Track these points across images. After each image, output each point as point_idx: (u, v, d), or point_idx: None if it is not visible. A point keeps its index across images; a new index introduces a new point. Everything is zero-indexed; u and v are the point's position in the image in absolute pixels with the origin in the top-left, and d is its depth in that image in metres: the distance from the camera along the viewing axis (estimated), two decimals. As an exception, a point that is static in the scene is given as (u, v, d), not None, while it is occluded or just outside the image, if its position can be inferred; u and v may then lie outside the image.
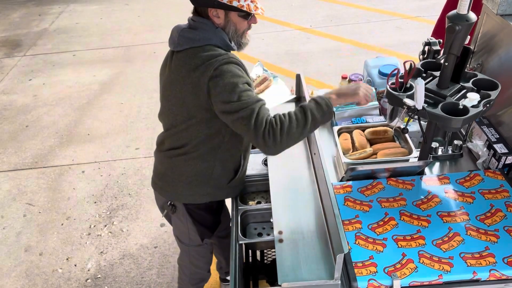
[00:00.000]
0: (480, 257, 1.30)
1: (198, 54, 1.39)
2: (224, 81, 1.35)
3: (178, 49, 1.44)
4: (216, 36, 1.42)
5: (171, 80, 1.48)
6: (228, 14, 1.42)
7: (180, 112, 1.49)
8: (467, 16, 1.30)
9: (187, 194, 1.65)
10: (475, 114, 1.36)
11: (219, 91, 1.35)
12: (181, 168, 1.60)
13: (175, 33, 1.46)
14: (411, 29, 5.19)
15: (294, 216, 1.42)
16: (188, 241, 1.80)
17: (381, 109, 2.03)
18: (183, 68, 1.42)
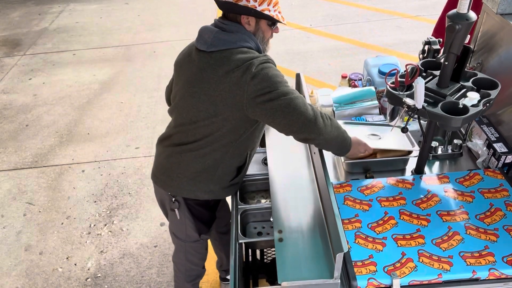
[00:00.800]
0: (480, 256, 1.30)
1: (237, 56, 1.44)
2: (268, 74, 1.41)
3: (212, 50, 1.47)
4: (251, 40, 1.50)
5: (203, 78, 1.48)
6: (259, 22, 1.51)
7: (206, 108, 1.50)
8: (467, 15, 1.30)
9: (189, 189, 1.65)
10: (474, 113, 1.36)
11: (264, 85, 1.40)
12: (188, 164, 1.61)
13: (208, 34, 1.48)
14: (411, 28, 5.19)
15: (294, 215, 1.42)
16: (185, 237, 1.81)
17: (381, 108, 2.03)
18: (220, 68, 1.44)
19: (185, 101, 1.57)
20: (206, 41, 1.48)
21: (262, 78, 1.40)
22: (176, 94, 1.62)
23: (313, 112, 1.43)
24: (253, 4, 1.44)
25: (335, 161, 1.83)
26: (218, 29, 1.48)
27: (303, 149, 1.72)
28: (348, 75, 2.32)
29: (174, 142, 1.63)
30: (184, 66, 1.58)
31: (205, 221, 1.79)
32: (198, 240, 1.82)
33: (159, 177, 1.71)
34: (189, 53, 1.57)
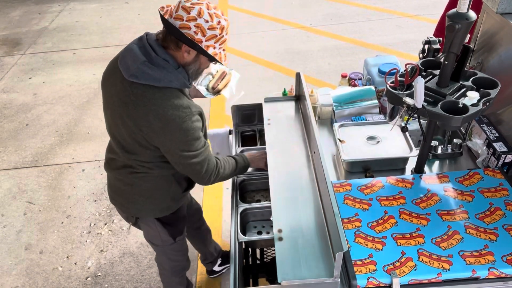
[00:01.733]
0: (479, 255, 1.31)
1: (159, 100, 1.37)
2: (187, 137, 1.42)
3: (132, 80, 1.37)
4: (177, 79, 1.40)
5: (125, 112, 1.42)
6: (199, 55, 1.42)
7: (132, 142, 1.48)
8: (467, 15, 1.30)
9: (147, 209, 1.69)
10: (474, 113, 1.36)
11: (177, 144, 1.43)
12: (141, 185, 1.62)
13: (131, 61, 1.38)
14: (411, 27, 5.18)
15: (293, 215, 1.42)
16: (162, 243, 1.84)
17: (381, 107, 2.03)
18: (140, 108, 1.38)
19: (116, 130, 1.52)
20: (129, 69, 1.38)
21: (181, 140, 1.42)
22: (106, 118, 1.56)
23: (203, 174, 1.54)
24: (200, 38, 1.35)
25: (335, 161, 1.83)
26: (145, 58, 1.37)
27: (303, 148, 1.72)
28: (348, 74, 2.32)
29: (121, 165, 1.61)
30: (108, 87, 1.50)
31: (176, 225, 1.82)
32: (174, 243, 1.85)
33: (116, 198, 1.73)
34: (113, 72, 1.48)
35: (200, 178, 1.56)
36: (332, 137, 1.94)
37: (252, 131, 2.21)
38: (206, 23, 1.35)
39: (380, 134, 1.81)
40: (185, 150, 1.44)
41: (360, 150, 1.74)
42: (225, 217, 2.89)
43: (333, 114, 2.00)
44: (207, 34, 1.35)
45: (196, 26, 1.34)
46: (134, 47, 1.41)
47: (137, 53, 1.39)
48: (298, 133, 1.81)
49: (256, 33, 5.34)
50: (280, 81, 4.33)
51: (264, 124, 1.87)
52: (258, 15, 5.83)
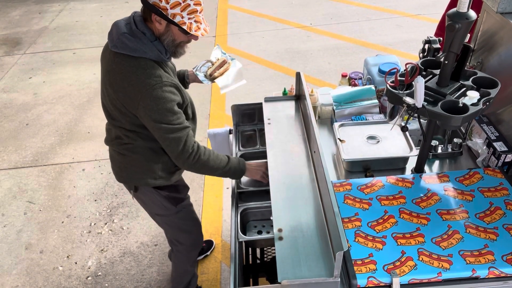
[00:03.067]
0: (479, 254, 1.31)
1: (133, 68, 1.46)
2: (158, 106, 1.47)
3: (114, 50, 1.48)
4: (151, 51, 1.48)
5: (108, 80, 1.54)
6: (169, 25, 1.47)
7: (115, 108, 1.57)
8: (467, 14, 1.30)
9: (139, 179, 1.74)
10: (474, 112, 1.36)
11: (150, 114, 1.48)
12: (129, 155, 1.69)
13: (115, 33, 1.49)
14: (411, 27, 5.18)
15: (294, 214, 1.42)
16: (165, 211, 1.87)
17: (381, 107, 2.03)
18: (118, 75, 1.49)
19: (104, 98, 1.64)
20: (112, 39, 1.49)
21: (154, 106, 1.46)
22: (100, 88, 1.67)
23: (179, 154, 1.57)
24: (164, 6, 1.40)
25: (335, 160, 1.83)
26: (126, 30, 1.47)
27: (303, 147, 1.72)
28: (348, 74, 2.32)
29: (113, 137, 1.71)
30: (102, 62, 1.62)
31: (176, 192, 1.86)
32: (179, 211, 1.89)
33: (114, 169, 1.83)
34: (106, 47, 1.60)
35: (176, 156, 1.59)
36: (332, 136, 1.94)
37: (252, 131, 2.21)
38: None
39: (380, 134, 1.81)
40: (157, 120, 1.49)
41: (360, 150, 1.74)
42: (225, 216, 2.89)
43: (333, 114, 2.00)
44: (170, 1, 1.40)
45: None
46: (120, 21, 1.52)
47: (121, 26, 1.50)
48: (298, 132, 1.81)
49: (256, 33, 5.34)
50: (280, 80, 4.33)
51: (264, 123, 1.87)
52: (258, 15, 5.82)
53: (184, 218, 1.96)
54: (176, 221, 1.94)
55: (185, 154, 1.58)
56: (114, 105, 1.56)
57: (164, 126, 1.51)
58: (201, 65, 2.00)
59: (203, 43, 5.13)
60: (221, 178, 3.19)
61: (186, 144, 1.57)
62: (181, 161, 1.61)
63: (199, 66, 1.99)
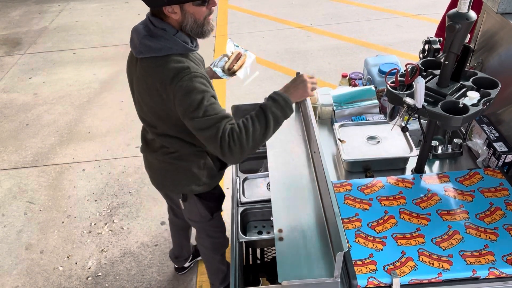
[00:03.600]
0: (480, 255, 1.31)
1: (162, 66, 1.40)
2: (191, 97, 1.36)
3: (139, 56, 1.43)
4: (176, 44, 1.41)
5: (139, 88, 1.51)
6: (183, 7, 1.37)
7: (158, 118, 1.53)
8: (467, 15, 1.30)
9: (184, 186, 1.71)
10: (475, 113, 1.36)
11: (185, 108, 1.39)
12: (173, 163, 1.67)
13: (136, 39, 1.44)
14: (411, 27, 5.18)
15: (294, 214, 1.42)
16: (200, 218, 1.87)
17: (381, 107, 2.03)
18: (148, 78, 1.44)
19: (140, 110, 1.60)
20: (135, 46, 1.44)
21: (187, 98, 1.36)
22: (134, 102, 1.65)
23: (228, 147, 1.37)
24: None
25: (336, 161, 1.83)
26: (145, 33, 1.42)
27: (303, 148, 1.72)
28: (348, 74, 2.32)
29: (156, 148, 1.68)
30: (128, 70, 1.59)
31: (214, 201, 1.86)
32: (212, 218, 1.89)
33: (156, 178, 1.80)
34: (131, 57, 1.56)
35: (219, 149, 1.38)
36: (333, 137, 1.94)
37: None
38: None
39: (380, 134, 1.81)
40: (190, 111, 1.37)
41: (360, 150, 1.74)
42: (225, 216, 2.88)
43: (334, 114, 2.01)
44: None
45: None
46: (138, 26, 1.47)
47: (140, 30, 1.44)
48: (299, 133, 1.81)
49: (256, 33, 5.34)
50: (280, 80, 4.33)
51: (265, 124, 1.87)
52: (258, 15, 5.82)
53: (214, 225, 1.97)
54: (206, 227, 1.96)
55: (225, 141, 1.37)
56: (154, 112, 1.51)
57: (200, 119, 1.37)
58: (218, 60, 1.94)
59: (204, 43, 5.14)
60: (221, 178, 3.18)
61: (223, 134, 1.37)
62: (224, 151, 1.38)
63: (216, 62, 1.94)
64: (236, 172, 1.96)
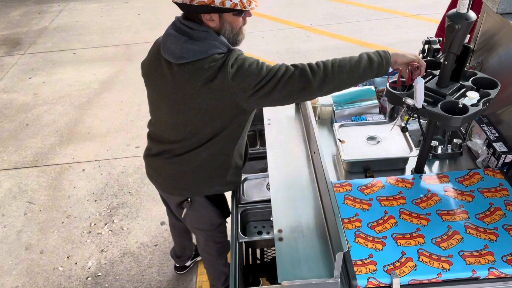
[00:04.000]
0: (479, 255, 1.31)
1: (209, 65, 1.36)
2: (247, 68, 1.35)
3: (182, 62, 1.38)
4: (222, 44, 1.40)
5: (184, 94, 1.42)
6: (222, 15, 1.39)
7: (201, 120, 1.46)
8: (467, 15, 1.31)
9: (209, 187, 1.67)
10: (474, 113, 1.36)
11: (249, 79, 1.34)
12: (201, 165, 1.60)
13: (174, 44, 1.39)
14: (411, 27, 5.18)
15: (294, 215, 1.42)
16: (210, 226, 1.84)
17: (381, 107, 2.03)
18: (197, 81, 1.38)
19: (177, 119, 1.51)
20: (174, 52, 1.39)
21: (245, 70, 1.34)
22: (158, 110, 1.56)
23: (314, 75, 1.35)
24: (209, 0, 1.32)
25: (335, 161, 1.83)
26: (185, 37, 1.38)
27: (303, 148, 1.72)
28: (348, 74, 2.31)
29: (177, 153, 1.59)
30: (157, 80, 1.50)
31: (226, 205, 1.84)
32: (221, 225, 1.87)
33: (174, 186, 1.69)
34: (157, 64, 1.49)
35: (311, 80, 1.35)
36: (332, 137, 1.94)
37: (252, 131, 2.21)
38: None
39: (380, 134, 1.81)
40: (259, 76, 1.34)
41: (360, 150, 1.74)
42: (225, 217, 2.89)
43: (333, 114, 2.01)
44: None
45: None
46: (171, 32, 1.42)
47: (176, 35, 1.40)
48: (298, 133, 1.81)
49: (256, 33, 5.34)
50: (280, 81, 4.32)
51: (264, 124, 1.88)
52: (258, 15, 5.83)
53: (221, 231, 1.93)
54: (214, 234, 1.90)
55: (313, 70, 1.36)
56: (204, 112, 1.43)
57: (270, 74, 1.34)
58: None
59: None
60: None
61: (300, 66, 1.37)
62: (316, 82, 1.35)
63: None
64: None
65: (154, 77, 1.51)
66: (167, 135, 1.60)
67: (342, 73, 1.38)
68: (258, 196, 1.84)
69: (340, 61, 1.39)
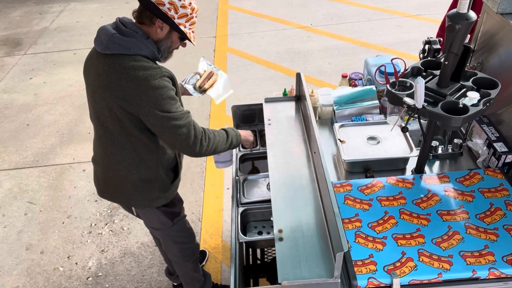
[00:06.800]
0: (480, 255, 1.31)
1: (129, 63, 1.44)
2: (162, 95, 1.44)
3: (105, 52, 1.46)
4: (146, 47, 1.48)
5: (100, 83, 1.49)
6: (172, 31, 1.51)
7: (110, 115, 1.52)
8: (467, 15, 1.31)
9: (137, 199, 1.71)
10: (475, 113, 1.36)
11: (154, 103, 1.44)
12: (125, 177, 1.65)
13: (104, 36, 1.46)
14: (411, 27, 5.18)
15: (294, 215, 1.42)
16: (161, 225, 1.86)
17: (381, 107, 2.03)
18: (113, 74, 1.45)
19: (93, 108, 1.59)
20: (102, 42, 1.47)
21: (158, 95, 1.43)
22: (89, 101, 1.63)
23: (193, 142, 1.54)
24: (172, 15, 1.45)
25: (336, 161, 1.83)
26: (115, 32, 1.46)
27: (304, 148, 1.72)
28: (348, 74, 2.32)
29: (101, 155, 1.67)
30: (88, 70, 1.58)
31: (172, 207, 1.84)
32: (174, 223, 1.87)
33: (106, 191, 1.76)
34: (91, 55, 1.57)
35: (191, 146, 1.55)
36: (333, 137, 1.94)
37: (252, 131, 2.21)
38: (179, 1, 1.45)
39: (381, 134, 1.81)
40: (164, 110, 1.46)
41: (360, 150, 1.74)
42: (226, 217, 2.89)
43: (334, 114, 2.01)
44: (179, 12, 1.46)
45: (170, 3, 1.44)
46: (106, 26, 1.50)
47: (109, 28, 1.48)
48: (299, 133, 1.81)
49: (256, 33, 5.34)
50: (280, 81, 4.33)
51: (265, 124, 1.87)
52: (258, 15, 5.83)
53: (180, 230, 1.94)
54: (170, 233, 1.92)
55: (198, 138, 1.55)
56: (111, 109, 1.51)
57: (172, 114, 1.47)
58: (190, 78, 1.99)
59: (205, 43, 5.13)
60: (221, 179, 3.19)
61: (196, 128, 1.55)
62: (196, 149, 1.56)
63: (188, 79, 1.98)
64: (236, 173, 1.96)
65: (86, 67, 1.59)
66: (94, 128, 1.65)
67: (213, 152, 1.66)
68: (258, 196, 1.84)
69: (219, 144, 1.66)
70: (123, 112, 1.49)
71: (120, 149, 1.60)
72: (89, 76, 1.56)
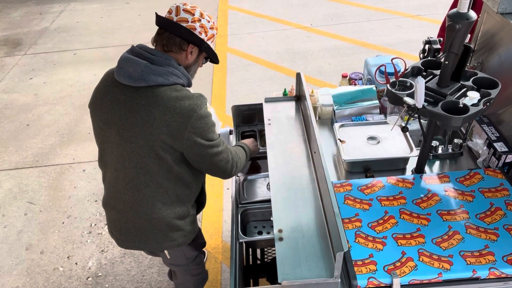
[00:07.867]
0: (480, 255, 1.30)
1: (172, 94, 1.33)
2: (207, 124, 1.40)
3: (140, 85, 1.32)
4: (183, 75, 1.41)
5: (136, 121, 1.34)
6: (200, 55, 1.48)
7: (149, 154, 1.38)
8: (467, 15, 1.30)
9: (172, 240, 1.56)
10: (475, 113, 1.36)
11: (200, 134, 1.38)
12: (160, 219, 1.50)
13: (133, 67, 1.33)
14: (411, 27, 5.18)
15: (294, 215, 1.42)
16: (185, 261, 1.75)
17: (381, 107, 2.03)
18: (155, 108, 1.32)
19: (121, 148, 1.40)
20: (131, 75, 1.33)
21: (204, 125, 1.38)
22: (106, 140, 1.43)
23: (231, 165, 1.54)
24: (203, 38, 1.41)
25: (336, 161, 1.83)
26: (146, 61, 1.34)
27: (304, 148, 1.72)
28: (348, 74, 2.32)
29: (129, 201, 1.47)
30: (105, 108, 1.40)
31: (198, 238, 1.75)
32: (196, 257, 1.80)
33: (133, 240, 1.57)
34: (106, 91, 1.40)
35: (229, 169, 1.54)
36: (333, 137, 1.94)
37: (252, 131, 2.21)
38: (208, 23, 1.44)
39: (381, 134, 1.81)
40: (208, 139, 1.40)
41: (360, 150, 1.74)
42: (226, 217, 2.89)
43: (334, 114, 2.00)
44: (208, 34, 1.44)
45: (201, 26, 1.42)
46: (129, 56, 1.37)
47: (136, 59, 1.35)
48: (299, 133, 1.81)
49: (256, 33, 5.34)
50: (280, 81, 4.33)
51: (265, 124, 1.87)
52: (258, 15, 5.83)
53: (197, 263, 1.84)
54: (191, 267, 1.81)
55: (234, 160, 1.55)
56: (151, 147, 1.36)
57: (215, 142, 1.44)
58: None
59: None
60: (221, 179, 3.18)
61: (231, 152, 1.54)
62: (231, 172, 1.56)
63: None
64: (236, 173, 1.96)
65: (102, 104, 1.41)
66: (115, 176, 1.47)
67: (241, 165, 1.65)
68: (258, 196, 1.84)
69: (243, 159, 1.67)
70: (166, 147, 1.37)
71: (155, 190, 1.44)
72: (111, 113, 1.38)
